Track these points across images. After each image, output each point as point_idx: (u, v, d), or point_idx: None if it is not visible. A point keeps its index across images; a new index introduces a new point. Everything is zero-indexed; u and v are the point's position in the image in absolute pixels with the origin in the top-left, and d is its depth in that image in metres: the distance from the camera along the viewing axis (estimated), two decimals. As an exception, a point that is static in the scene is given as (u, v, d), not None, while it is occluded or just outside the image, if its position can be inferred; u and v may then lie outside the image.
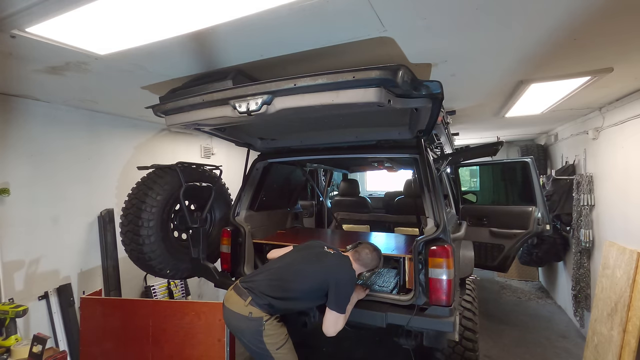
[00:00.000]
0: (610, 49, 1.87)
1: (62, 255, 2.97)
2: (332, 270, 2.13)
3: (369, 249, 2.26)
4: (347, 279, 2.13)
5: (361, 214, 4.78)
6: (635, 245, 2.81)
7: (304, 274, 2.13)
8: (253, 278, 2.15)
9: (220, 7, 1.33)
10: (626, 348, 2.62)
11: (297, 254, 2.28)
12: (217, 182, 3.11)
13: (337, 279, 2.09)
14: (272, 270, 2.19)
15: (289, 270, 2.16)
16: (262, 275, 2.15)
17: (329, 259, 2.20)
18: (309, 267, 2.15)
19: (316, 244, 2.36)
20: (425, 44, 1.75)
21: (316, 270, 2.13)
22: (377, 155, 2.88)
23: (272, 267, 2.22)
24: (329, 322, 2.07)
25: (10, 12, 1.35)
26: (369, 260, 2.23)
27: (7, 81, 2.26)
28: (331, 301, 2.06)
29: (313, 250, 2.28)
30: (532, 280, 6.07)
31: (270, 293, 2.05)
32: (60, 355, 2.02)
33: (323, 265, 2.15)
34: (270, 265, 2.25)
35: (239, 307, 2.05)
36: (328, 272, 2.11)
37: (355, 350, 3.78)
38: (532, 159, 4.11)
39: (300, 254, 2.28)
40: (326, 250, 2.27)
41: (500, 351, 3.73)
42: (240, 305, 2.04)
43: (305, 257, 2.22)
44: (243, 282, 2.14)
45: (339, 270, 2.14)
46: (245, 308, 2.03)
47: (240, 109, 1.76)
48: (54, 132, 2.89)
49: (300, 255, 2.26)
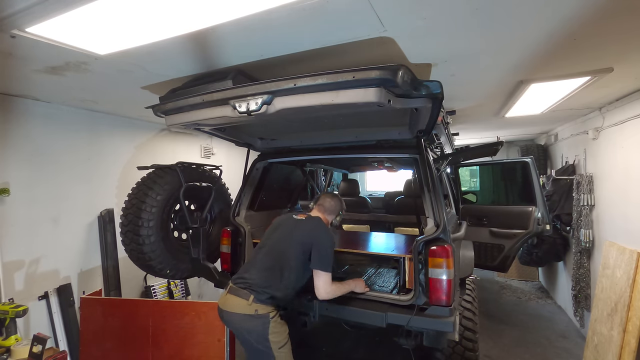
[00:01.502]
0: (610, 49, 1.87)
1: (62, 255, 2.97)
2: (309, 233, 2.20)
3: (329, 198, 2.46)
4: (324, 235, 2.22)
5: (361, 214, 4.77)
6: (635, 245, 2.81)
7: (287, 252, 2.15)
8: (245, 276, 2.12)
9: (220, 7, 1.33)
10: (626, 348, 2.62)
11: (272, 238, 2.28)
12: (217, 182, 3.11)
13: (315, 238, 2.17)
14: (257, 262, 2.18)
15: (273, 256, 2.16)
16: (252, 271, 2.14)
17: (302, 225, 2.26)
18: (289, 243, 2.18)
19: (284, 219, 2.39)
20: (425, 43, 1.75)
21: (296, 242, 2.17)
22: (377, 155, 2.88)
23: (256, 260, 2.20)
24: (319, 284, 2.12)
25: (10, 12, 1.35)
26: (332, 207, 2.43)
27: (7, 81, 2.26)
28: (315, 262, 2.12)
29: (285, 226, 2.31)
30: (532, 280, 6.07)
31: (268, 285, 2.06)
32: (60, 355, 2.02)
33: (299, 233, 2.20)
34: (253, 260, 2.23)
35: (242, 307, 2.03)
36: (306, 237, 2.18)
37: (355, 350, 3.77)
38: (532, 159, 4.10)
39: (276, 235, 2.28)
40: (296, 219, 2.32)
41: (500, 351, 3.73)
42: (243, 305, 2.03)
43: (282, 236, 2.24)
44: (237, 282, 2.11)
45: (314, 230, 2.22)
46: (249, 307, 2.02)
47: (240, 109, 1.76)
48: (54, 132, 2.89)
49: (277, 237, 2.26)
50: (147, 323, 2.52)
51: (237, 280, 2.13)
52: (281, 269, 2.10)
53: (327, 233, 2.25)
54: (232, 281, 2.14)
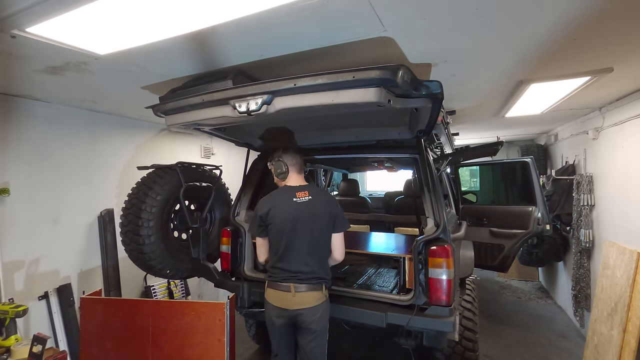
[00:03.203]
0: (610, 49, 1.87)
1: (62, 255, 2.97)
2: (327, 209, 2.22)
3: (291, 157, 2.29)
4: (335, 201, 2.32)
5: (361, 214, 4.77)
6: (635, 245, 2.81)
7: (322, 233, 2.19)
8: (292, 269, 2.13)
9: (220, 7, 1.33)
10: (626, 348, 2.62)
11: (293, 219, 2.16)
12: (217, 182, 3.11)
13: (334, 207, 2.23)
14: (302, 251, 2.14)
15: (311, 241, 2.16)
16: (294, 262, 2.14)
17: (316, 203, 2.21)
18: (315, 220, 2.17)
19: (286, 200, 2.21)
20: (425, 44, 1.75)
21: (324, 221, 2.19)
22: (377, 155, 2.88)
23: (299, 249, 2.14)
24: (340, 244, 2.25)
25: (10, 12, 1.35)
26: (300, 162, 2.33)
27: (7, 81, 2.26)
28: (339, 226, 2.23)
29: (300, 205, 2.19)
30: (532, 280, 6.07)
31: (317, 268, 2.15)
32: (60, 355, 2.02)
33: (320, 211, 2.20)
34: (286, 249, 2.15)
35: (318, 298, 2.13)
36: (328, 212, 2.21)
37: (355, 350, 3.78)
38: (532, 159, 4.11)
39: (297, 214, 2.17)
40: (304, 201, 2.20)
41: (500, 351, 3.73)
42: (319, 296, 2.13)
43: (304, 215, 2.17)
44: (293, 279, 2.11)
45: (330, 204, 2.25)
46: (322, 295, 2.15)
47: (240, 109, 1.76)
48: (54, 132, 2.89)
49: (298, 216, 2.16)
50: (147, 323, 2.51)
51: (288, 276, 2.13)
52: (322, 250, 2.21)
53: (333, 197, 2.44)
54: (283, 280, 2.13)
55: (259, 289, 2.71)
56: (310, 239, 2.15)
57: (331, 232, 2.21)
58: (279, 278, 2.16)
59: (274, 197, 2.26)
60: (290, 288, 2.11)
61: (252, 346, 3.78)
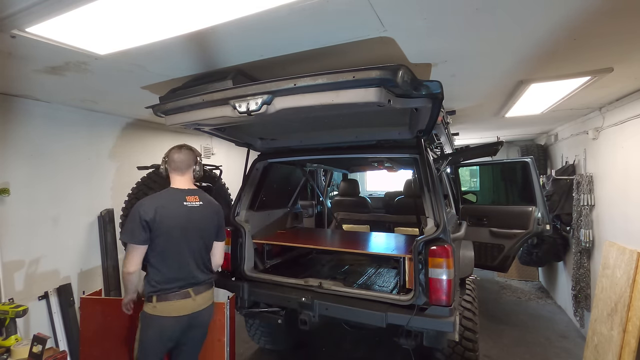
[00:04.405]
0: (610, 49, 1.87)
1: (62, 255, 2.97)
2: (217, 211, 2.29)
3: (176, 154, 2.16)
4: (221, 210, 2.35)
5: (361, 214, 4.78)
6: (635, 245, 2.81)
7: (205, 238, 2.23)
8: (188, 275, 2.12)
9: (220, 7, 1.33)
10: (626, 348, 2.62)
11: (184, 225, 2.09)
12: (217, 182, 3.11)
13: (220, 216, 2.32)
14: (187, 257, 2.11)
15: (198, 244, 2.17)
16: (188, 268, 2.13)
17: (203, 211, 2.20)
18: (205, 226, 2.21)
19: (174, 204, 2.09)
20: (425, 44, 1.75)
21: (211, 222, 2.25)
22: (377, 155, 2.88)
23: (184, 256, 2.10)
24: (221, 252, 2.38)
25: (10, 12, 1.35)
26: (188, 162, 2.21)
27: (7, 81, 2.26)
28: (222, 235, 2.35)
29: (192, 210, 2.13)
30: (532, 280, 6.07)
31: (208, 271, 2.25)
32: (60, 355, 2.01)
33: (209, 214, 2.24)
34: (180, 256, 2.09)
35: (211, 298, 2.26)
36: (215, 215, 2.28)
37: (355, 350, 3.78)
38: (532, 159, 4.11)
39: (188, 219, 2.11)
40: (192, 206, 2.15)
41: (500, 351, 3.73)
42: (210, 296, 2.26)
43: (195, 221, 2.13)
44: (190, 285, 2.12)
45: (217, 213, 2.30)
46: (211, 297, 2.28)
47: (240, 109, 1.76)
48: (54, 132, 2.89)
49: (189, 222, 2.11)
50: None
51: (179, 283, 2.09)
52: (208, 254, 2.28)
53: (220, 206, 2.35)
54: (180, 287, 2.08)
55: (259, 289, 2.72)
56: (201, 244, 2.19)
57: (214, 240, 2.31)
58: (175, 288, 2.06)
59: (159, 200, 2.06)
60: (190, 293, 2.10)
61: (252, 346, 3.78)
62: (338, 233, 4.01)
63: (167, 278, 2.05)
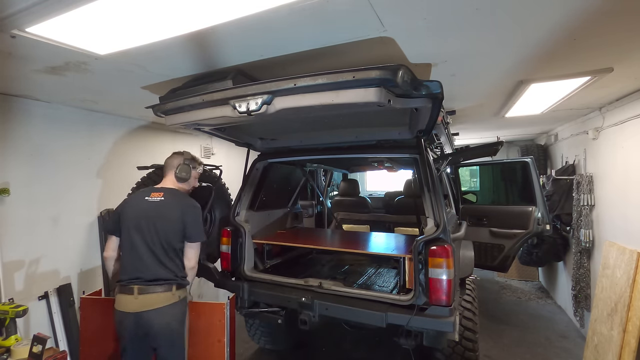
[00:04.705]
0: (610, 49, 1.87)
1: (62, 255, 2.97)
2: (181, 207, 2.17)
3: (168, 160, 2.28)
4: (192, 207, 2.23)
5: (361, 214, 4.78)
6: (635, 245, 2.81)
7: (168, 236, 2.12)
8: (135, 269, 2.09)
9: (220, 7, 1.33)
10: (626, 348, 2.62)
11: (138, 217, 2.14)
12: (217, 182, 3.11)
13: (187, 213, 2.18)
14: (137, 251, 2.10)
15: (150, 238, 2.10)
16: (137, 262, 2.09)
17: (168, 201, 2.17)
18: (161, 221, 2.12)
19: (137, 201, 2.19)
20: (425, 44, 1.75)
21: (169, 216, 2.14)
22: (377, 155, 2.88)
23: (135, 249, 2.10)
24: (193, 254, 2.21)
25: (10, 12, 1.34)
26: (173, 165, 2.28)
27: (7, 81, 2.26)
28: (190, 235, 2.17)
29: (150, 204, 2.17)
30: (532, 280, 6.07)
31: (161, 269, 2.08)
32: (60, 355, 2.02)
33: (169, 209, 2.16)
34: (132, 248, 2.12)
35: (163, 299, 2.05)
36: (177, 211, 2.16)
37: (355, 350, 3.78)
38: (532, 159, 4.11)
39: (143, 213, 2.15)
40: (155, 201, 2.17)
41: (500, 351, 3.73)
42: (162, 298, 2.05)
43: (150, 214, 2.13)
44: (136, 282, 2.06)
45: (184, 204, 2.21)
46: (172, 296, 2.08)
47: (240, 109, 1.76)
48: (54, 132, 2.89)
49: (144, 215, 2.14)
50: None
51: (137, 278, 2.07)
52: (169, 252, 2.13)
53: (191, 201, 2.27)
54: (129, 283, 2.07)
55: (259, 289, 2.72)
56: (155, 239, 2.10)
57: (182, 238, 2.17)
58: (124, 281, 2.09)
59: (133, 195, 2.28)
60: (133, 290, 2.05)
61: (252, 346, 3.78)
62: (338, 233, 4.01)
63: (123, 270, 2.15)
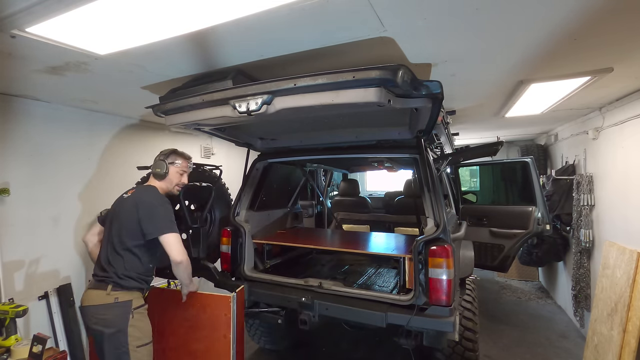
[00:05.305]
0: (610, 49, 1.87)
1: (62, 255, 2.97)
2: (137, 203, 2.06)
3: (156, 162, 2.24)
4: (145, 199, 2.07)
5: (361, 214, 4.78)
6: (635, 245, 2.81)
7: (121, 233, 2.06)
8: (97, 265, 2.12)
9: (220, 7, 1.33)
10: (626, 348, 2.62)
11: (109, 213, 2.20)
12: (217, 182, 3.11)
13: (142, 208, 2.03)
14: (103, 252, 2.12)
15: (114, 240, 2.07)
16: (101, 257, 2.11)
17: (132, 197, 2.14)
18: (120, 217, 2.09)
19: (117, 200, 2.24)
20: (426, 44, 1.75)
21: (126, 213, 2.06)
22: (377, 155, 2.88)
23: (103, 244, 2.16)
24: (170, 248, 2.00)
25: (10, 12, 1.34)
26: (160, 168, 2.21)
27: (7, 81, 2.26)
28: (148, 231, 1.99)
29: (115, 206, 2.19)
30: (532, 280, 6.07)
31: (108, 267, 2.03)
32: (60, 355, 2.02)
33: (127, 205, 2.09)
34: (103, 249, 2.15)
35: (96, 298, 1.97)
36: (133, 207, 2.05)
37: (355, 350, 3.78)
38: (532, 159, 4.11)
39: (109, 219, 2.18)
40: (124, 196, 2.20)
41: (500, 351, 3.73)
42: (95, 296, 1.98)
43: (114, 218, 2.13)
44: (94, 276, 2.08)
45: (140, 199, 2.08)
46: (106, 296, 1.95)
47: (240, 109, 1.76)
48: (54, 132, 2.88)
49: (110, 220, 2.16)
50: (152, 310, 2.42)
51: (94, 274, 2.10)
52: (123, 249, 2.04)
53: (148, 196, 2.10)
54: (93, 277, 2.11)
55: (259, 289, 2.72)
56: (110, 235, 2.10)
57: (140, 236, 2.02)
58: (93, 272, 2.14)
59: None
60: (89, 284, 2.11)
61: (252, 346, 3.78)
62: (338, 233, 4.01)
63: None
